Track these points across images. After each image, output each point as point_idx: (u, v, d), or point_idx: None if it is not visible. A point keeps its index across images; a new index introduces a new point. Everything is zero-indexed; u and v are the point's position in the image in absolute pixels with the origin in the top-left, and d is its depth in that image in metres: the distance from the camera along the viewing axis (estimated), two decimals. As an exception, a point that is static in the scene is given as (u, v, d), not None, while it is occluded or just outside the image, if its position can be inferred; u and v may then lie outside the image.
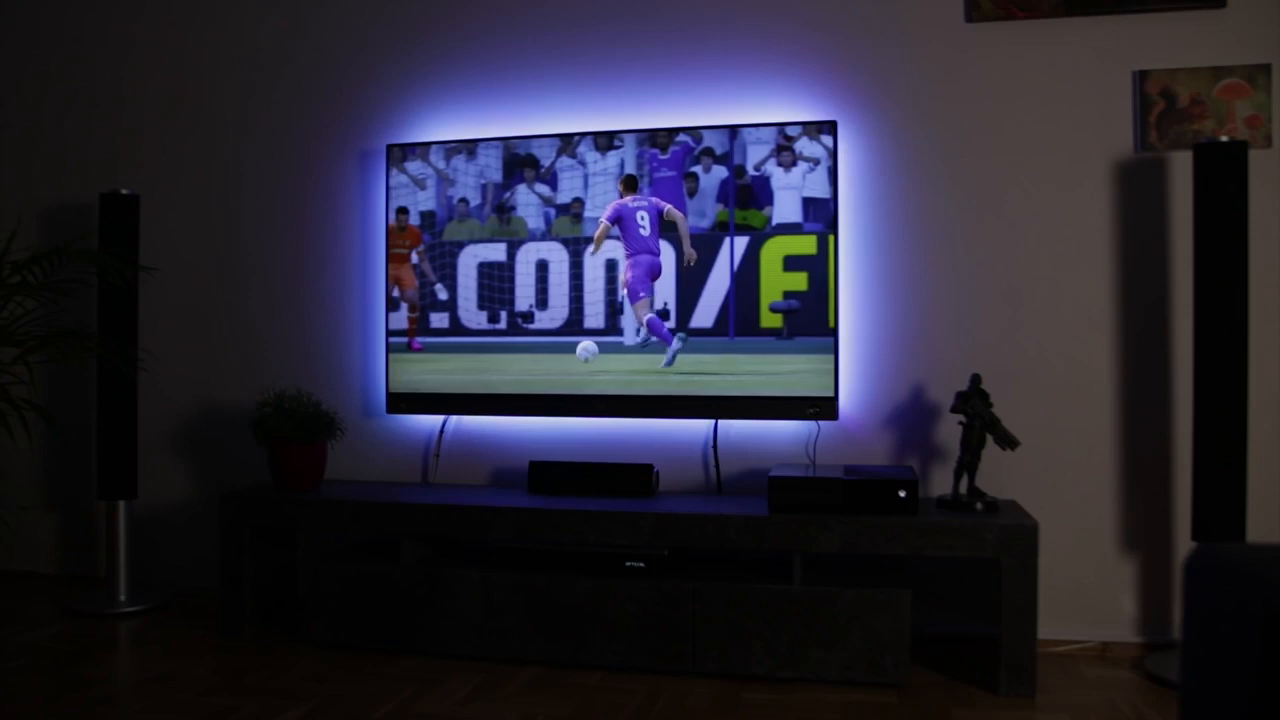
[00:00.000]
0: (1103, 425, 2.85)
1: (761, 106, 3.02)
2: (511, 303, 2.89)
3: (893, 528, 2.51)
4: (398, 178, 2.89)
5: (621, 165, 2.79)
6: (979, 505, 2.61)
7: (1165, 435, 2.81)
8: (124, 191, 3.29)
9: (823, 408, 2.86)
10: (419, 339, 2.94)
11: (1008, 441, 2.64)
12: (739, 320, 2.77)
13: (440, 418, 3.24)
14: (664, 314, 2.78)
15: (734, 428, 3.05)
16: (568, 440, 3.16)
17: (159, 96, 3.55)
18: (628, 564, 2.71)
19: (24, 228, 3.45)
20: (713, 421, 3.03)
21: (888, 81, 2.97)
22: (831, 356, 2.86)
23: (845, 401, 2.95)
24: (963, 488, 2.70)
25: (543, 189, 2.84)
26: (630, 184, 2.84)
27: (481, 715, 2.35)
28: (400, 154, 2.91)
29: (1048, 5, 2.86)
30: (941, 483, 2.90)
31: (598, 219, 2.87)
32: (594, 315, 2.83)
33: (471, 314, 2.93)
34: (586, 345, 2.91)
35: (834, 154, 2.86)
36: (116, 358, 3.08)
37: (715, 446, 3.04)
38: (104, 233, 3.24)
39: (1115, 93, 2.84)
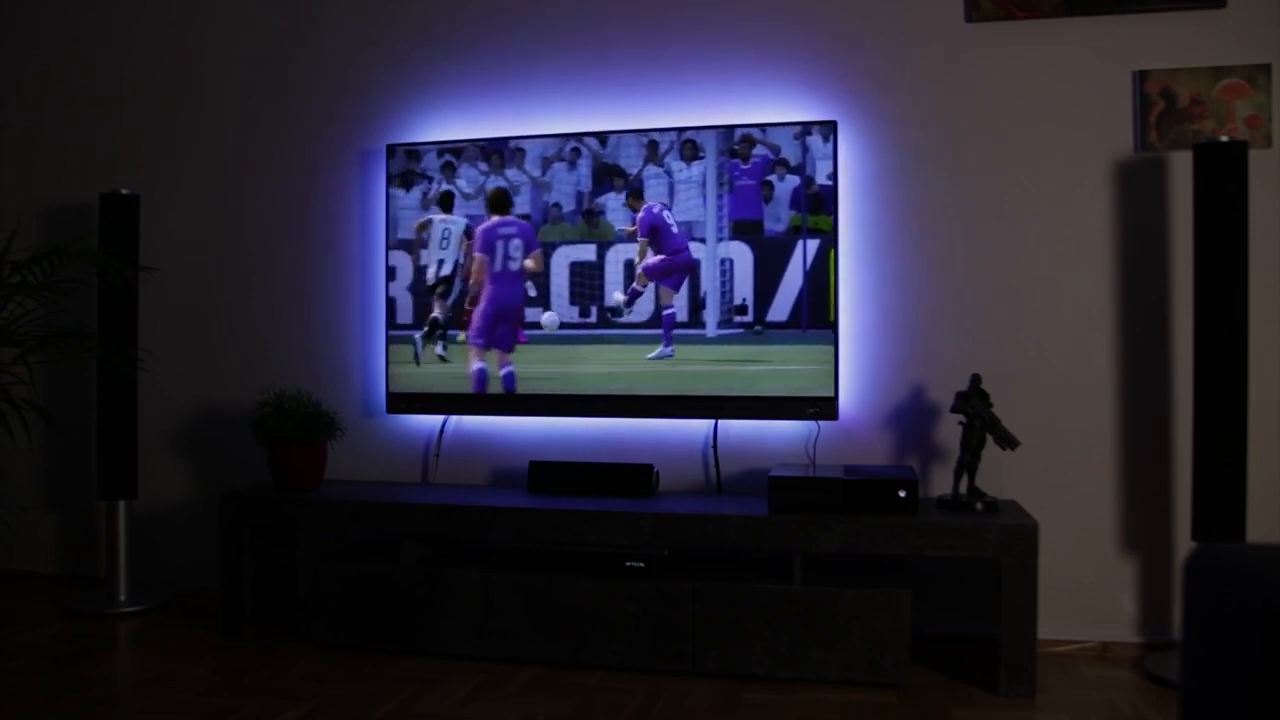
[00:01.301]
0: (1103, 425, 2.85)
1: (761, 106, 3.02)
2: (601, 298, 3.00)
3: (893, 528, 2.51)
4: (495, 181, 3.03)
5: (704, 175, 2.92)
6: (979, 505, 2.61)
7: (1165, 435, 2.81)
8: (124, 191, 3.29)
9: (823, 408, 2.86)
10: (525, 332, 3.07)
11: (1008, 441, 2.64)
12: (811, 314, 2.89)
13: (440, 418, 3.25)
14: (741, 309, 2.94)
15: (734, 428, 3.05)
16: (568, 440, 3.16)
17: (159, 96, 3.55)
18: (628, 564, 2.72)
19: (24, 228, 3.45)
20: (713, 421, 3.03)
21: (888, 81, 2.97)
22: (831, 355, 2.86)
23: (845, 401, 2.95)
24: (963, 488, 2.70)
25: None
26: (637, 195, 2.97)
27: (481, 715, 2.35)
28: (500, 159, 3.03)
29: (1048, 5, 2.86)
30: (941, 483, 2.90)
31: (685, 222, 2.95)
32: (679, 309, 2.97)
33: (564, 309, 3.05)
34: (549, 316, 3.04)
35: (834, 154, 2.87)
36: (116, 358, 3.08)
37: (715, 446, 3.04)
38: (104, 233, 3.24)
39: (1115, 93, 2.84)
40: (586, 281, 3.01)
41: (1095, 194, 2.86)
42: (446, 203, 3.10)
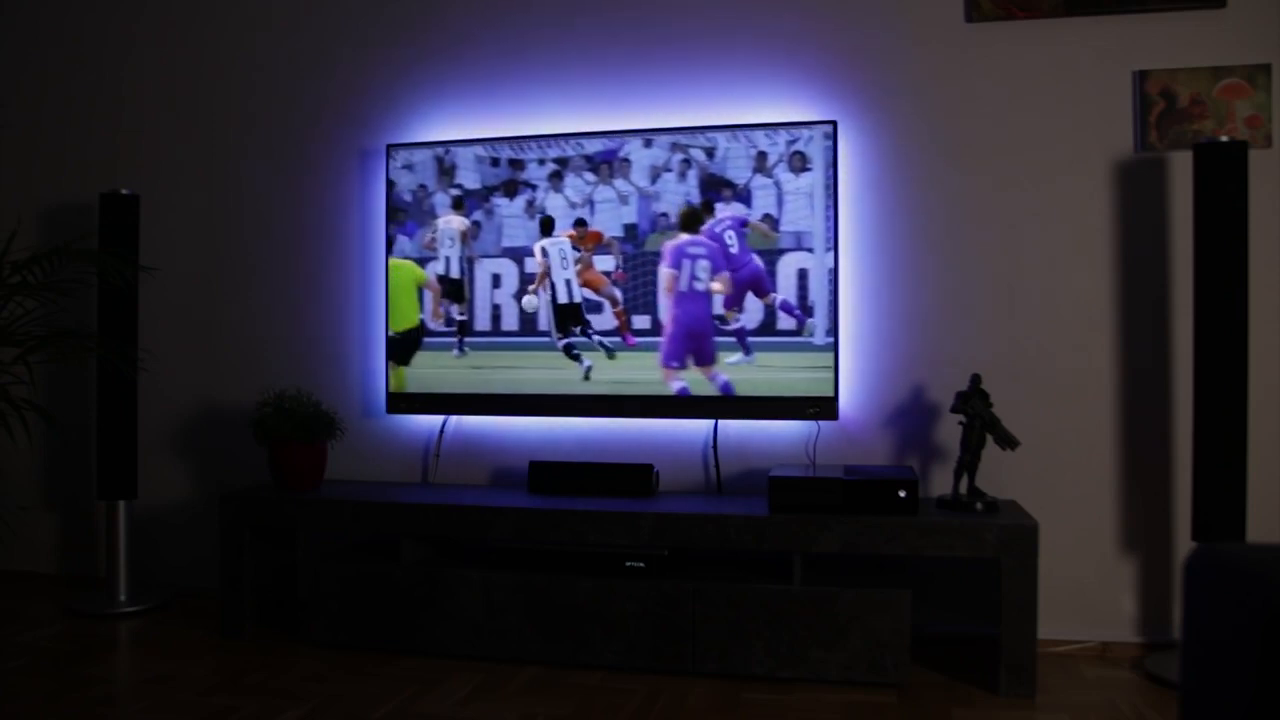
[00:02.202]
0: (1103, 425, 2.85)
1: (761, 106, 3.02)
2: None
3: (893, 528, 2.51)
4: (604, 191, 3.03)
5: (813, 186, 2.90)
6: (979, 505, 2.61)
7: (1165, 435, 2.81)
8: (124, 191, 3.29)
9: (823, 408, 2.86)
10: (632, 336, 3.04)
11: (1008, 441, 2.64)
12: None
13: (440, 418, 3.25)
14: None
15: (734, 428, 3.05)
16: (568, 440, 3.16)
17: (159, 96, 3.55)
18: (628, 564, 2.71)
19: (24, 228, 3.45)
20: (713, 421, 3.03)
21: (888, 81, 2.97)
22: (831, 355, 2.86)
23: (845, 401, 2.95)
24: (963, 488, 2.70)
25: (737, 206, 2.97)
26: (708, 207, 2.96)
27: (481, 715, 2.35)
28: (608, 170, 3.02)
29: (1048, 5, 2.86)
30: (941, 483, 2.90)
31: (793, 233, 2.93)
32: (785, 319, 2.94)
33: (667, 314, 3.03)
34: (530, 299, 3.07)
35: (834, 153, 2.87)
36: (116, 358, 3.08)
37: (715, 446, 3.04)
38: (104, 233, 3.24)
39: (1115, 93, 2.84)
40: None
41: (1095, 194, 2.85)
42: (547, 227, 3.06)
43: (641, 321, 3.03)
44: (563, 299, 3.08)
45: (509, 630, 2.71)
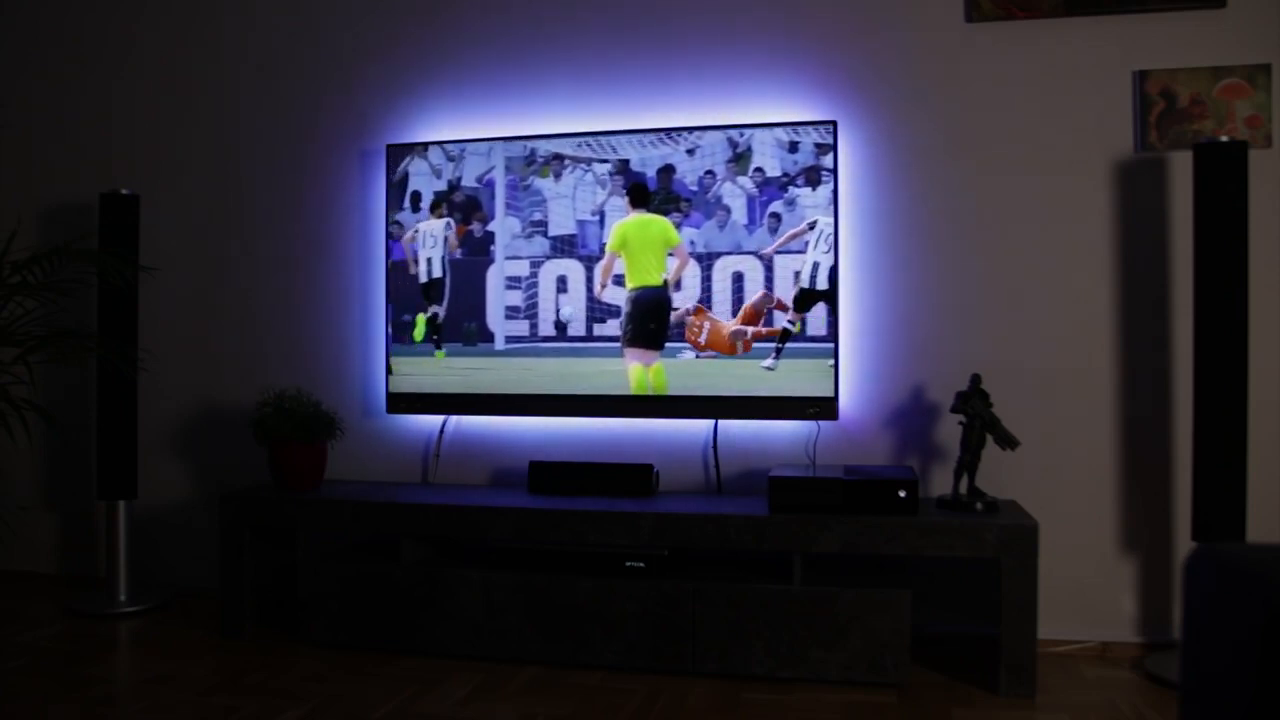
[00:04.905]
0: (1103, 425, 2.85)
1: (761, 106, 3.02)
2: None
3: (893, 528, 2.51)
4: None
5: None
6: (979, 505, 2.61)
7: (1165, 435, 2.81)
8: (124, 191, 3.29)
9: (823, 408, 2.86)
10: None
11: (1008, 441, 2.64)
12: None
13: (440, 418, 3.25)
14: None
15: (734, 428, 3.05)
16: (568, 440, 3.16)
17: (159, 96, 3.55)
18: (628, 564, 2.71)
19: (24, 228, 3.45)
20: (713, 421, 3.03)
21: (888, 81, 2.97)
22: (831, 357, 2.86)
23: (845, 401, 2.95)
24: (963, 488, 2.70)
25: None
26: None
27: (481, 715, 2.35)
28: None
29: (1048, 5, 2.86)
30: (941, 483, 2.90)
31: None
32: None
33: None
34: (568, 310, 3.06)
35: (834, 153, 2.87)
36: (116, 358, 3.08)
37: (715, 446, 3.04)
38: (104, 233, 3.24)
39: (1115, 93, 2.84)
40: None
41: (1095, 194, 2.85)
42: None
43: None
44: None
45: (509, 630, 2.71)
